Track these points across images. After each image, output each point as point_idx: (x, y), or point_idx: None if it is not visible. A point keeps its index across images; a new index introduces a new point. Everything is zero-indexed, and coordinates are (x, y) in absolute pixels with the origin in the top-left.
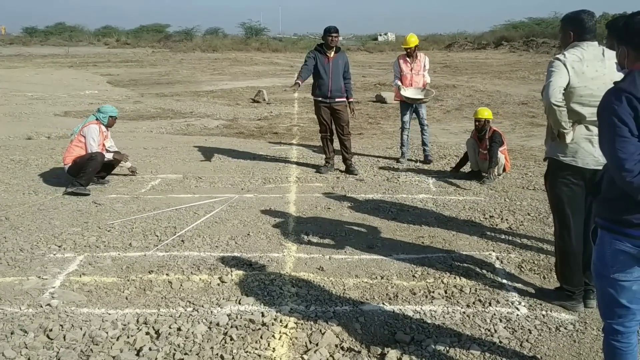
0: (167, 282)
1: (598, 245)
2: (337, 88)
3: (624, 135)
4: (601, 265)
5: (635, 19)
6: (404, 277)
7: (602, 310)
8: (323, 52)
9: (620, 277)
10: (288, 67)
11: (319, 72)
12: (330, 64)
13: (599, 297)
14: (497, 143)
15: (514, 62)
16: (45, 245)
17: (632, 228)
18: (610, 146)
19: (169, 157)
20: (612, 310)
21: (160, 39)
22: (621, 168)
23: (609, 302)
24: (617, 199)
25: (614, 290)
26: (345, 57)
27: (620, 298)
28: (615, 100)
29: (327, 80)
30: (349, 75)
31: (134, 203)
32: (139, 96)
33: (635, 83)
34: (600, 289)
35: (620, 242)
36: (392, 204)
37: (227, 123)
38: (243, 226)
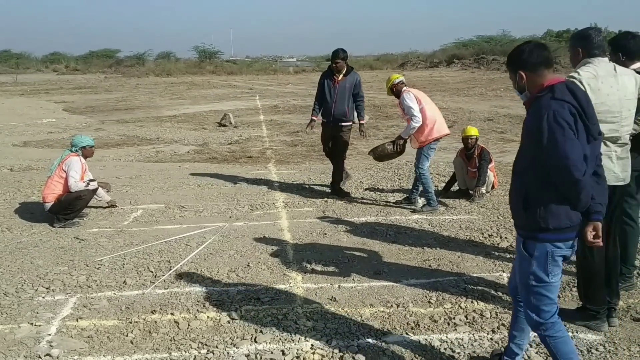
0: (174, 322)
1: (537, 258)
2: (341, 112)
3: (572, 138)
4: (542, 275)
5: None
6: (420, 304)
7: (539, 314)
8: (332, 75)
9: (555, 279)
10: (247, 90)
11: (325, 95)
12: (337, 87)
13: (533, 305)
14: (487, 161)
15: (469, 80)
16: (31, 287)
17: (569, 231)
18: (562, 151)
19: (146, 186)
20: (549, 310)
21: (111, 64)
22: (574, 168)
23: (546, 304)
24: (552, 207)
25: (550, 292)
26: (355, 77)
27: (552, 295)
28: (559, 108)
29: (330, 103)
30: (360, 96)
31: (119, 237)
32: (99, 123)
33: (565, 93)
34: (536, 296)
35: (560, 248)
36: (388, 227)
37: (197, 148)
38: (240, 257)
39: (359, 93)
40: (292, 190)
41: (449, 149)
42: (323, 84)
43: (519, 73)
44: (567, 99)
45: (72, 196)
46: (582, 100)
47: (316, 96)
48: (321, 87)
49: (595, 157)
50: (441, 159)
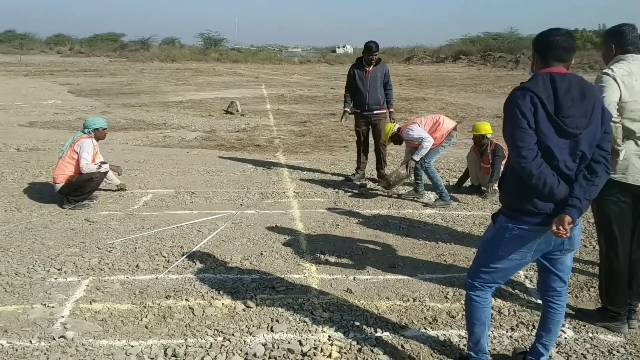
0: (188, 308)
1: (498, 229)
2: (375, 101)
3: (523, 126)
4: (495, 243)
5: (548, 33)
6: (437, 299)
7: (473, 274)
8: (362, 66)
9: (506, 254)
10: (253, 78)
11: (357, 85)
12: (368, 77)
13: (474, 263)
14: (500, 157)
15: (476, 76)
16: (42, 268)
17: (532, 216)
18: (511, 136)
19: (155, 170)
20: (484, 278)
21: (115, 48)
22: (519, 155)
23: (485, 271)
24: (517, 189)
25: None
26: (384, 67)
27: (495, 265)
28: (520, 96)
29: (364, 93)
30: (389, 85)
31: (130, 220)
32: (105, 106)
33: (538, 84)
34: (481, 256)
35: (522, 229)
36: (401, 220)
37: (205, 135)
38: (253, 245)
39: (389, 82)
40: (302, 180)
41: (459, 144)
42: (353, 75)
43: (534, 53)
44: (534, 89)
45: (84, 178)
46: (560, 93)
47: (347, 87)
48: (352, 79)
49: (582, 152)
50: (451, 154)
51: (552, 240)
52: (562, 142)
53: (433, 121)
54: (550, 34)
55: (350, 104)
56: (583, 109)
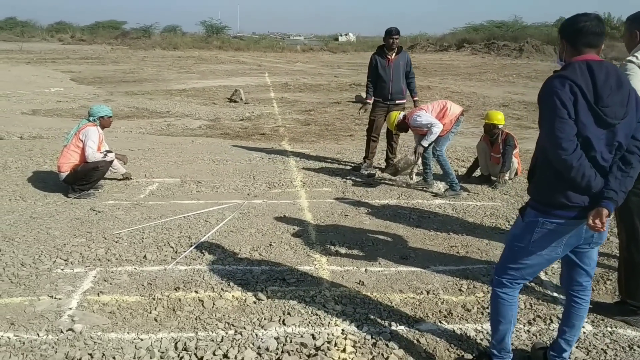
0: (198, 301)
1: (527, 223)
2: (398, 90)
3: (563, 116)
4: (524, 237)
5: (578, 19)
6: (451, 292)
7: (501, 271)
8: (384, 55)
9: (536, 249)
10: (256, 66)
11: (380, 74)
12: (391, 65)
13: (502, 258)
14: (511, 146)
15: (480, 64)
16: (49, 259)
17: (566, 209)
18: (550, 126)
19: (160, 159)
20: (512, 275)
21: (117, 36)
22: (558, 146)
23: (513, 267)
24: (550, 181)
25: (522, 258)
26: (406, 56)
27: (524, 262)
28: (559, 85)
29: (387, 82)
30: (412, 73)
31: (136, 210)
32: (107, 94)
33: (576, 72)
34: (509, 252)
35: (554, 223)
36: (411, 210)
37: (209, 123)
38: (262, 236)
39: (411, 71)
40: (308, 169)
41: (466, 133)
42: (376, 64)
43: (562, 41)
44: (573, 77)
45: (89, 167)
46: (598, 82)
47: (369, 76)
48: (374, 68)
49: (619, 143)
50: (458, 143)
51: (582, 233)
52: (600, 132)
53: (440, 107)
54: (579, 19)
55: (372, 95)
56: (620, 98)
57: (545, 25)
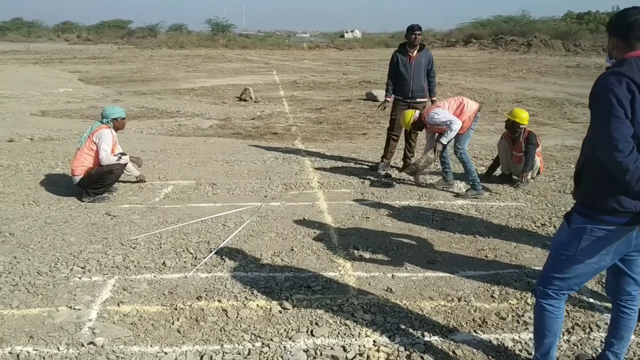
0: (222, 310)
1: (574, 230)
2: (419, 88)
3: (619, 116)
4: (571, 245)
5: (628, 13)
6: (483, 299)
7: (545, 282)
8: (405, 52)
9: (583, 257)
10: (263, 64)
11: (401, 72)
12: (412, 62)
13: (546, 267)
14: (534, 145)
15: (489, 60)
16: (65, 266)
17: (616, 215)
18: (605, 126)
19: (173, 160)
20: (557, 285)
21: (123, 35)
22: (614, 148)
23: (559, 277)
24: (600, 185)
25: (569, 267)
26: (428, 54)
27: (570, 273)
28: (616, 82)
29: (408, 80)
30: (433, 72)
31: (152, 214)
32: (116, 94)
33: (633, 69)
34: (554, 261)
35: (603, 230)
36: (433, 212)
37: (220, 123)
38: (282, 240)
39: (432, 69)
40: (324, 169)
41: (481, 131)
42: (397, 61)
43: (612, 38)
44: (630, 74)
45: (103, 170)
46: None
47: (389, 74)
48: (395, 65)
49: None
50: (475, 141)
51: (632, 240)
52: None
53: (457, 103)
54: (630, 13)
55: (392, 94)
56: None
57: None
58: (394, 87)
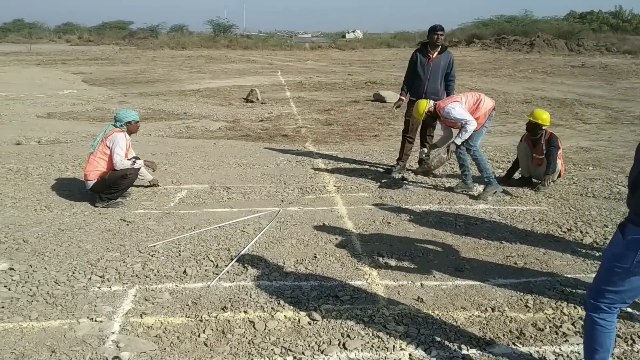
0: (249, 322)
1: (630, 241)
2: (433, 90)
3: None
4: (627, 257)
5: None
6: (517, 309)
7: (597, 295)
8: (426, 52)
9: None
10: (267, 65)
11: (418, 72)
12: (431, 64)
13: (597, 280)
14: (556, 147)
15: (494, 60)
16: (83, 275)
17: None
18: None
19: (184, 164)
20: (609, 298)
21: (124, 36)
22: None
23: (611, 290)
24: None
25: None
26: (449, 56)
27: (624, 286)
28: None
29: (424, 81)
30: (452, 75)
31: (169, 220)
32: (121, 96)
33: None
34: (606, 274)
35: None
36: (455, 216)
37: (229, 125)
38: (304, 247)
39: (451, 72)
40: (339, 173)
41: (494, 132)
42: (415, 61)
43: None
44: None
45: (117, 174)
46: None
47: (406, 74)
48: (413, 65)
49: None
50: (488, 142)
51: None
52: None
53: (475, 99)
54: None
55: (407, 93)
56: None
57: (556, 19)
58: (410, 87)
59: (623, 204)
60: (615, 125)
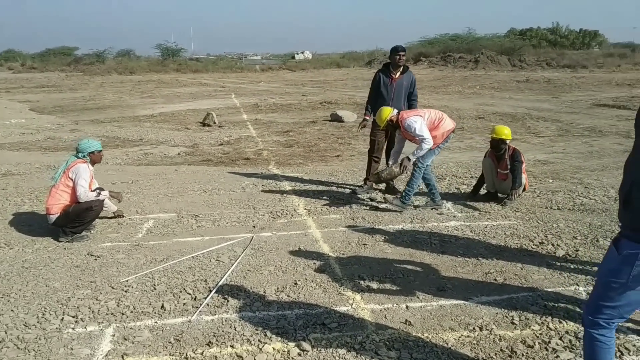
0: (237, 357)
1: (625, 256)
2: (397, 110)
3: None
4: (622, 272)
5: None
6: (504, 326)
7: (595, 311)
8: (388, 73)
9: (635, 285)
10: (220, 88)
11: (381, 92)
12: (394, 84)
13: (593, 296)
14: (520, 162)
15: (442, 77)
16: (55, 316)
17: None
18: None
19: (147, 192)
20: (607, 313)
21: (69, 62)
22: None
23: (609, 306)
24: None
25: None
26: (411, 76)
27: (621, 301)
28: None
29: (387, 101)
30: (414, 95)
31: (138, 252)
32: (73, 124)
33: None
34: (602, 289)
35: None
36: (429, 235)
37: (188, 150)
38: (283, 273)
39: (414, 92)
40: (308, 195)
41: (452, 148)
42: (379, 82)
43: None
44: None
45: (82, 207)
46: None
47: (370, 94)
48: (376, 85)
49: None
50: (449, 159)
51: None
52: None
53: (437, 117)
54: None
55: (371, 113)
56: None
57: (498, 37)
58: (374, 107)
59: (588, 215)
60: (567, 137)
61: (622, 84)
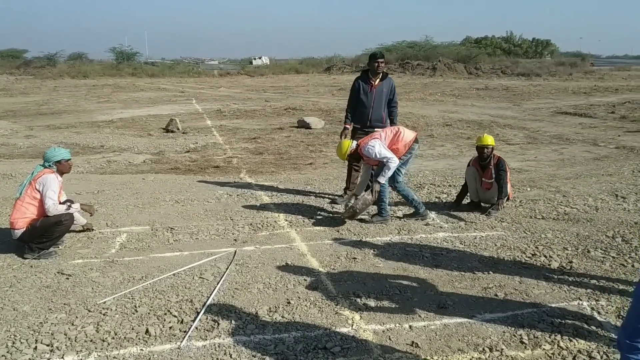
0: None
1: None
2: (378, 117)
3: None
4: None
5: None
6: (514, 346)
7: (631, 334)
8: (367, 79)
9: None
10: (179, 93)
11: (362, 99)
12: (374, 91)
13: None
14: (505, 171)
15: (402, 84)
16: (27, 345)
17: None
18: None
19: (116, 203)
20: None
21: (19, 65)
22: None
23: None
24: None
25: None
26: (391, 83)
27: None
28: None
29: (368, 108)
30: (394, 102)
31: (114, 270)
32: (27, 129)
33: None
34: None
35: None
36: (420, 247)
37: (154, 157)
38: (273, 291)
39: (394, 98)
40: (286, 205)
41: (425, 156)
42: (358, 89)
43: None
44: None
45: (50, 221)
46: None
47: (349, 102)
48: (356, 92)
49: None
50: (425, 167)
51: None
52: None
53: (393, 132)
54: None
55: (351, 121)
56: None
57: (454, 44)
58: (353, 115)
59: (573, 224)
60: (537, 145)
61: (578, 92)
